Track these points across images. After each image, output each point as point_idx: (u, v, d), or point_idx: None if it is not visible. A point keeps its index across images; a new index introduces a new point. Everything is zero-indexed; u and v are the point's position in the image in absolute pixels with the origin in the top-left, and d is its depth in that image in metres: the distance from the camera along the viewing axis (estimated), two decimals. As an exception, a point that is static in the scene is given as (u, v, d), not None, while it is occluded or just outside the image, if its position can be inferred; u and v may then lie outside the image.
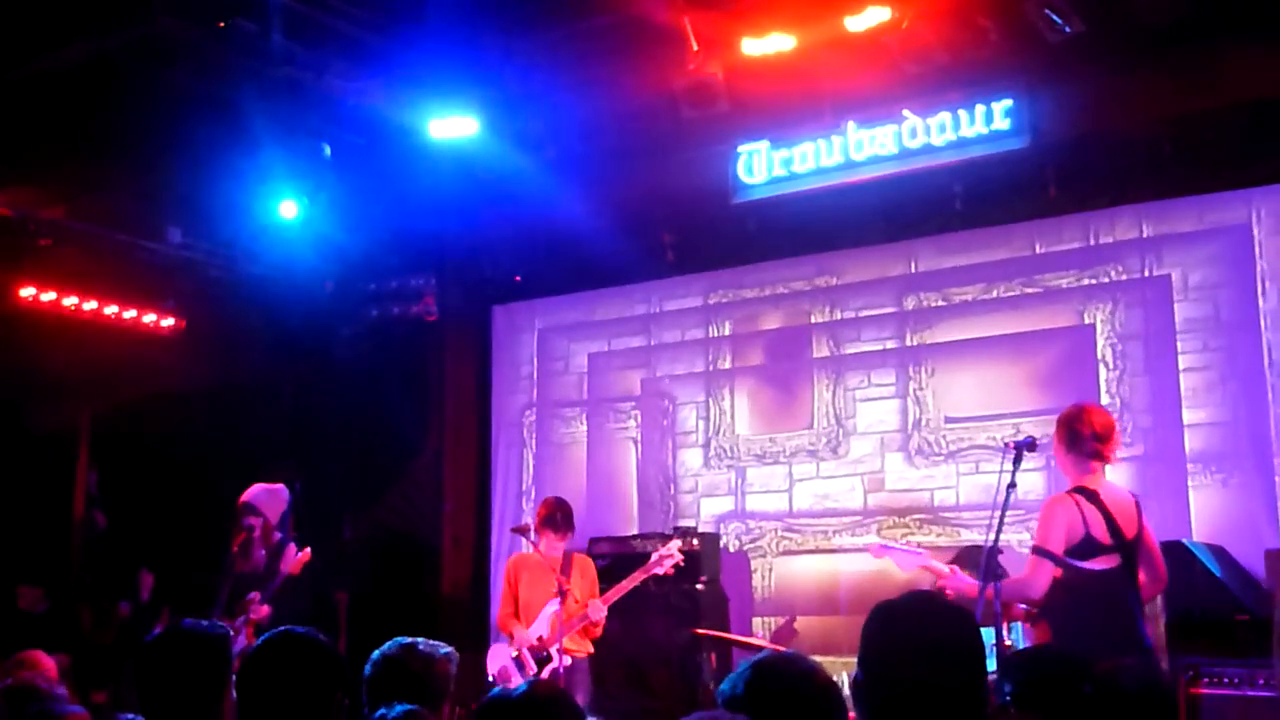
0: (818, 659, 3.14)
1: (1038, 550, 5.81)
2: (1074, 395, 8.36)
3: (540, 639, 8.00)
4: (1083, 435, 6.02)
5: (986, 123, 8.27)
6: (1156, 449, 8.21)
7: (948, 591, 6.07)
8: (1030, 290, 8.79)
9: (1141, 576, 5.95)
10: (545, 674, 7.78)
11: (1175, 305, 8.29)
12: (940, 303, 9.14)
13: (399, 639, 4.24)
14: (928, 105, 8.43)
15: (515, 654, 8.07)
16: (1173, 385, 8.21)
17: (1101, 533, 5.86)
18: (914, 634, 2.75)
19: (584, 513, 9.59)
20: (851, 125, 8.69)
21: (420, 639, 4.28)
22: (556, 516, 8.12)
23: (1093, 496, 5.93)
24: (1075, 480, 6.02)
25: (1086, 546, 5.84)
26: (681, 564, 8.22)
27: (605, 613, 8.06)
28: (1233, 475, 7.97)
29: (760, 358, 9.96)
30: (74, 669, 8.25)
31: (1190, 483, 8.06)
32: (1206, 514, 7.96)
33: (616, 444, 10.46)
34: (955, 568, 6.38)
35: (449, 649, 4.31)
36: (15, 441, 10.43)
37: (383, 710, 3.39)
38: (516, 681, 7.73)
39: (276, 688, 3.30)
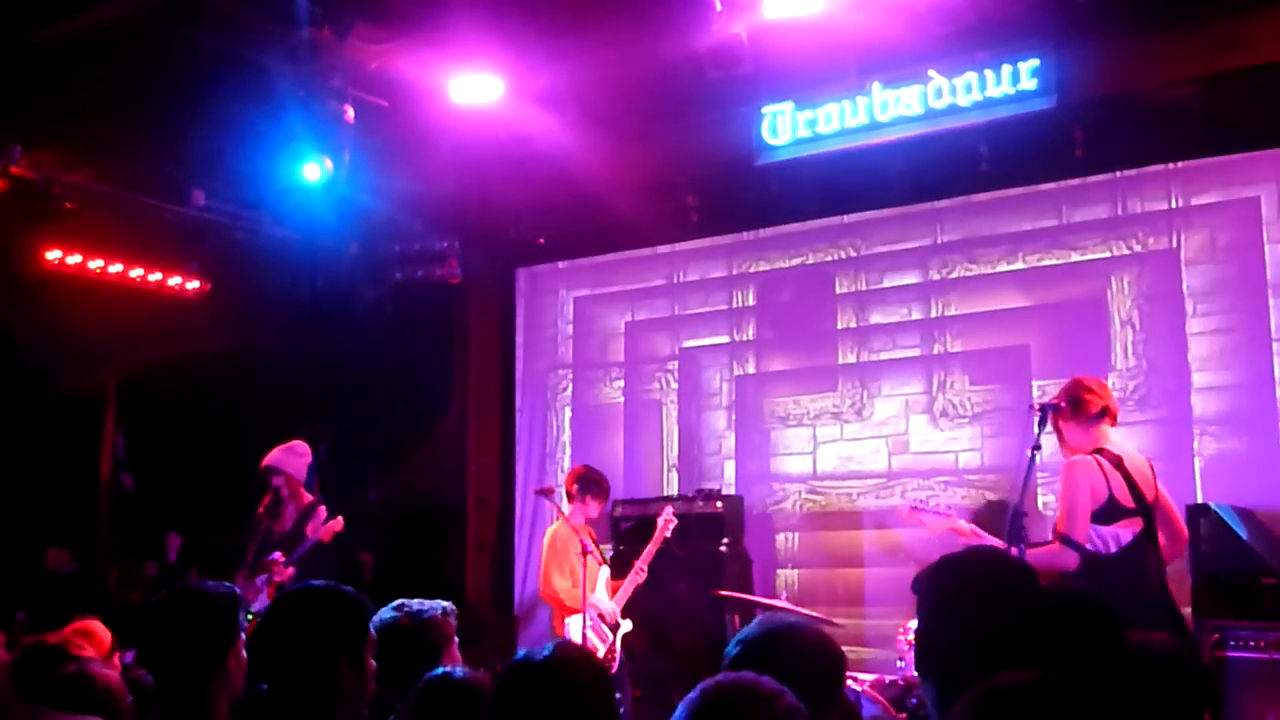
0: (840, 621, 3.17)
1: (1064, 540, 5.79)
2: (1098, 357, 8.36)
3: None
4: (1086, 401, 6.02)
5: (1013, 83, 8.19)
6: (1196, 412, 8.17)
7: None
8: (1055, 252, 8.73)
9: (1161, 539, 5.95)
10: (618, 640, 7.93)
11: (1203, 267, 8.23)
12: (966, 264, 9.09)
13: (394, 603, 4.25)
14: (954, 65, 8.36)
15: (591, 623, 8.10)
16: (1201, 348, 8.16)
17: (1124, 496, 5.85)
18: (984, 585, 2.87)
19: (612, 475, 9.65)
20: (877, 86, 8.62)
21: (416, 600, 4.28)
22: (598, 483, 8.25)
23: (1115, 461, 5.92)
24: (1088, 447, 6.00)
25: (1110, 510, 5.83)
26: (675, 523, 8.29)
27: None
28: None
29: (784, 320, 9.93)
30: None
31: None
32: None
33: (643, 406, 10.46)
34: (976, 528, 6.41)
35: (447, 604, 4.31)
36: (43, 404, 10.46)
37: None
38: (600, 653, 7.86)
39: (286, 641, 3.33)
